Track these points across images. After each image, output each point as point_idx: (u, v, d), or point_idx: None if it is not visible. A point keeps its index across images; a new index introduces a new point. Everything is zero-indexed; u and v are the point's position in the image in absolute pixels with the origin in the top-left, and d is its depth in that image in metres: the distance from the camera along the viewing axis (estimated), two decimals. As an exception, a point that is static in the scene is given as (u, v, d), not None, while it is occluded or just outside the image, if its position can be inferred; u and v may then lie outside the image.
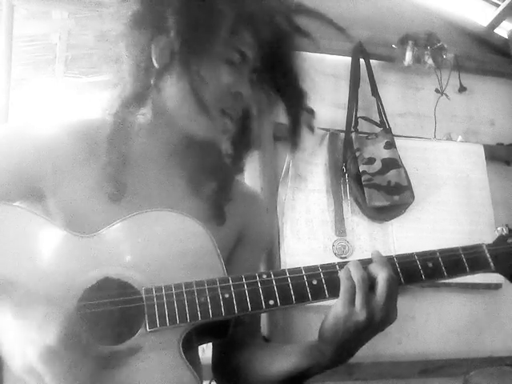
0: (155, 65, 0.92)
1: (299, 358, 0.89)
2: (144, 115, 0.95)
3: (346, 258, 2.12)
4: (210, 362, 1.06)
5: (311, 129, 1.02)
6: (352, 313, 0.80)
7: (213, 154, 1.00)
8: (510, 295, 2.33)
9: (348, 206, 2.21)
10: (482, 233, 2.30)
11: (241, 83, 0.93)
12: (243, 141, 1.01)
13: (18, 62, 2.08)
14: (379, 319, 0.80)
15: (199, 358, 0.98)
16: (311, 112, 1.02)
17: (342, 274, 0.82)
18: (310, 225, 2.17)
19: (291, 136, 1.00)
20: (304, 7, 1.00)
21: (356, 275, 0.81)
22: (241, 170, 1.04)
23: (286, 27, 0.97)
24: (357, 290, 0.80)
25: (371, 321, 0.80)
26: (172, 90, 0.93)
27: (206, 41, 0.89)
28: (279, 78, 1.00)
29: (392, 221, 2.24)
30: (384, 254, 0.86)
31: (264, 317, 1.91)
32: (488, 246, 0.89)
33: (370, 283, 0.81)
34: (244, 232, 1.04)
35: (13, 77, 1.93)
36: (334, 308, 0.82)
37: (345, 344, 0.83)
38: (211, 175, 1.01)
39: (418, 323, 2.24)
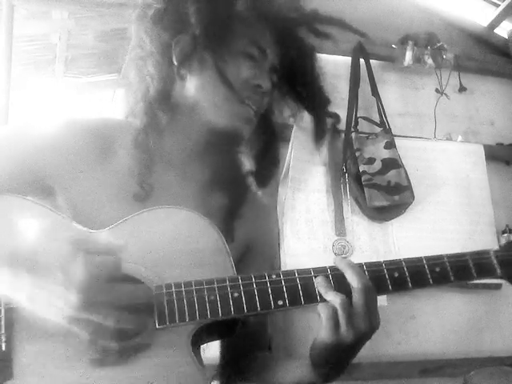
0: (175, 63, 0.95)
1: (304, 373, 0.89)
2: (166, 115, 0.96)
3: (345, 258, 2.12)
4: (210, 362, 1.06)
5: (337, 132, 1.05)
6: (339, 337, 0.79)
7: (231, 163, 1.02)
8: (510, 295, 2.34)
9: (348, 205, 2.21)
10: (482, 233, 2.30)
11: (260, 76, 0.96)
12: (267, 158, 1.03)
13: (18, 62, 2.08)
14: (365, 331, 0.80)
15: (201, 357, 0.98)
16: (336, 117, 1.04)
17: (320, 305, 0.81)
18: (310, 225, 2.17)
19: (317, 136, 1.03)
20: (323, 15, 1.03)
21: (336, 301, 0.79)
22: (264, 186, 1.05)
23: (304, 31, 1.01)
24: (339, 315, 0.79)
25: (358, 336, 0.80)
26: (194, 82, 0.95)
27: (226, 32, 0.93)
28: (301, 84, 1.03)
29: (392, 221, 2.24)
30: (384, 254, 0.86)
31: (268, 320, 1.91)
32: (495, 252, 0.89)
33: (349, 300, 0.80)
34: (250, 244, 1.05)
35: (13, 77, 1.93)
36: (321, 337, 0.81)
37: (338, 363, 0.85)
38: (225, 189, 1.02)
39: (418, 323, 2.24)
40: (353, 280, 0.81)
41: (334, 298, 0.79)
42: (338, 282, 0.83)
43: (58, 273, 0.75)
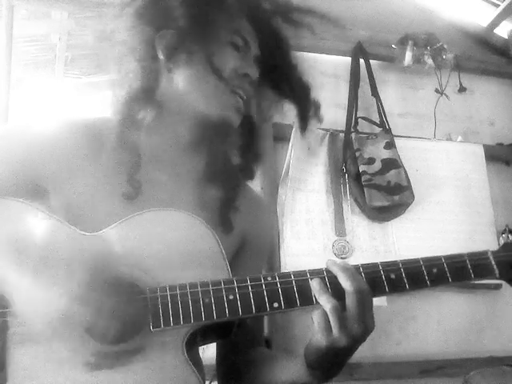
0: (160, 57, 0.95)
1: (300, 372, 0.88)
2: (151, 112, 0.95)
3: (345, 258, 2.12)
4: (209, 362, 1.06)
5: (319, 119, 1.05)
6: (331, 341, 0.78)
7: (222, 156, 1.02)
8: (510, 295, 2.33)
9: (348, 206, 2.21)
10: (482, 233, 2.30)
11: (247, 65, 0.97)
12: (251, 151, 1.04)
13: (18, 62, 2.08)
14: (359, 335, 0.79)
15: (200, 358, 0.98)
16: (317, 105, 1.05)
17: (314, 312, 0.80)
18: (310, 225, 2.17)
19: (301, 123, 1.04)
20: (296, 5, 1.04)
21: (327, 306, 0.79)
22: (251, 178, 1.06)
23: (282, 22, 1.02)
24: (330, 319, 0.78)
25: (352, 339, 0.79)
26: (182, 75, 0.95)
27: (212, 23, 0.93)
28: (280, 74, 1.03)
29: (392, 221, 2.24)
30: (384, 254, 0.86)
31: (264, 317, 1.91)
32: (493, 252, 0.88)
33: (340, 299, 0.79)
34: (247, 237, 1.05)
35: (13, 77, 1.93)
36: (315, 340, 0.80)
37: (331, 366, 0.84)
38: (219, 182, 1.01)
39: (418, 323, 2.24)
40: (345, 283, 0.80)
41: (325, 303, 0.79)
42: (334, 284, 0.82)
43: (53, 278, 0.76)
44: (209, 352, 1.03)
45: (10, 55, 1.92)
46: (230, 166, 1.05)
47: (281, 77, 1.04)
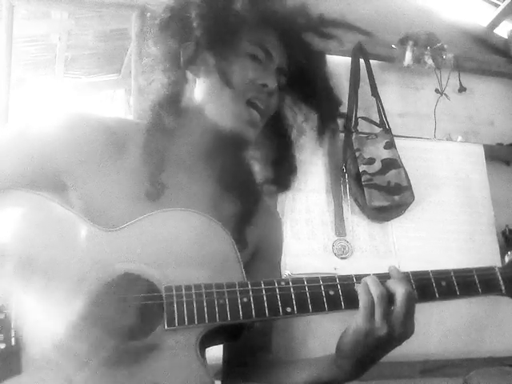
0: (183, 68, 0.98)
1: (318, 371, 0.90)
2: (173, 119, 0.97)
3: (345, 258, 2.12)
4: (210, 362, 1.06)
5: (335, 132, 1.07)
6: (373, 327, 0.80)
7: (242, 169, 1.03)
8: (510, 295, 2.33)
9: (348, 206, 2.21)
10: (482, 233, 2.31)
11: (266, 76, 0.97)
12: (286, 163, 1.04)
13: (18, 62, 2.08)
14: (398, 333, 0.82)
15: (206, 359, 0.98)
16: (345, 116, 1.07)
17: (360, 290, 0.83)
18: (310, 225, 2.17)
19: (319, 134, 1.05)
20: (328, 18, 1.04)
21: (375, 291, 0.82)
22: (287, 189, 1.08)
23: (310, 34, 1.02)
24: (376, 306, 0.81)
25: (391, 335, 0.81)
26: (201, 86, 0.97)
27: (229, 34, 0.94)
28: (311, 87, 1.04)
29: (392, 221, 2.24)
30: (384, 254, 0.87)
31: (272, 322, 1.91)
32: (500, 268, 0.90)
33: (389, 298, 0.82)
34: (260, 245, 1.06)
35: (13, 77, 1.93)
36: (355, 323, 0.82)
37: (363, 358, 0.85)
38: (237, 195, 1.02)
39: (418, 323, 2.22)
40: (399, 285, 0.82)
41: (374, 289, 0.81)
42: (347, 292, 0.84)
43: (71, 273, 0.77)
44: (210, 352, 1.03)
45: (10, 55, 1.92)
46: (250, 180, 1.05)
47: (311, 89, 1.05)
